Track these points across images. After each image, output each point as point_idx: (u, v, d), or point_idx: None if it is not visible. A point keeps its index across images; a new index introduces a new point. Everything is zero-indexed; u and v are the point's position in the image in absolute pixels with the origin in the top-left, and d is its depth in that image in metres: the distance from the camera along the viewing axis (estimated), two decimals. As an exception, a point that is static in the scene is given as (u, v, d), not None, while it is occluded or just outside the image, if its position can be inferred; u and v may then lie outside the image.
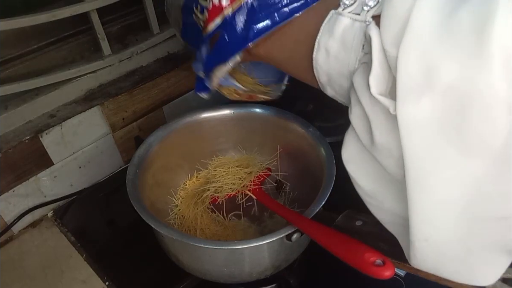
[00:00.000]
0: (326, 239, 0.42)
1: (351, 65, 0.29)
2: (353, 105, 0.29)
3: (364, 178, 0.30)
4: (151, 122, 0.74)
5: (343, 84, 0.31)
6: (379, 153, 0.27)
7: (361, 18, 0.28)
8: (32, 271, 0.59)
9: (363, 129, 0.28)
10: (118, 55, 0.70)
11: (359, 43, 0.28)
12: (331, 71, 0.31)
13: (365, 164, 0.30)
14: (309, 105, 0.80)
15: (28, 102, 0.63)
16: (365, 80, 0.27)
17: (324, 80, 0.32)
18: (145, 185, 0.55)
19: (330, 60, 0.30)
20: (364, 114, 0.27)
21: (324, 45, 0.30)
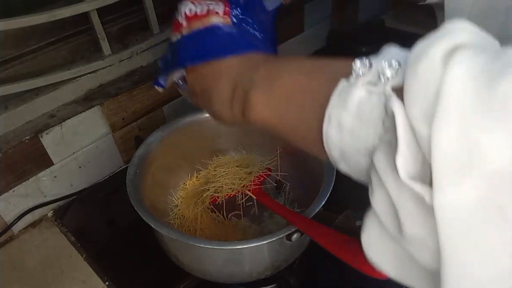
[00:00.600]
0: (326, 239, 0.42)
1: (370, 142, 0.26)
2: (375, 188, 0.25)
3: (389, 265, 0.27)
4: (151, 122, 0.74)
5: (360, 161, 0.27)
6: (410, 245, 0.24)
7: (378, 90, 0.25)
8: (32, 271, 0.59)
9: (389, 216, 0.25)
10: (118, 55, 0.70)
11: (378, 118, 0.25)
12: (345, 147, 0.27)
13: (390, 251, 0.26)
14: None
15: (28, 102, 0.63)
16: (389, 161, 0.24)
17: (337, 155, 0.29)
18: (145, 185, 0.55)
19: (344, 135, 0.27)
20: (389, 200, 0.24)
21: (337, 119, 0.27)
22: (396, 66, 0.25)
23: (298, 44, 0.97)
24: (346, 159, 0.28)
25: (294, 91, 0.32)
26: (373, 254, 0.27)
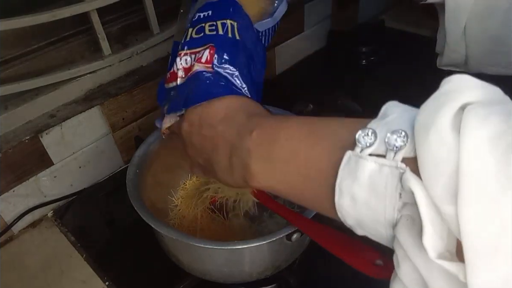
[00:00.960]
0: (326, 239, 0.42)
1: (389, 213, 0.25)
2: (401, 260, 0.25)
3: None
4: (151, 122, 0.74)
5: (379, 230, 0.26)
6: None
7: (389, 162, 0.24)
8: (32, 271, 0.59)
9: (418, 287, 0.24)
10: (118, 55, 0.70)
11: (394, 191, 0.24)
12: (362, 217, 0.26)
13: None
14: (309, 105, 0.80)
15: (28, 102, 0.63)
16: (414, 238, 0.23)
17: (353, 223, 0.28)
18: (145, 185, 0.55)
19: (358, 207, 0.26)
20: (417, 272, 0.23)
21: (349, 192, 0.26)
22: (403, 135, 0.24)
23: (298, 44, 0.97)
24: (364, 227, 0.27)
25: (296, 161, 0.30)
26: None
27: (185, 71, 0.46)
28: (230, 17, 0.46)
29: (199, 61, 0.44)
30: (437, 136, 0.21)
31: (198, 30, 0.46)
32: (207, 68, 0.44)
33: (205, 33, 0.45)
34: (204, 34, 0.46)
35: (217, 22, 0.46)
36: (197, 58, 0.45)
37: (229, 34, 0.45)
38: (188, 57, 0.46)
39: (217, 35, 0.45)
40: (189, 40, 0.46)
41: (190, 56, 0.46)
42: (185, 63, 0.46)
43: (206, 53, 0.44)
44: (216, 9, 0.47)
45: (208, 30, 0.45)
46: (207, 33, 0.45)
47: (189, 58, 0.46)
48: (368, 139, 0.25)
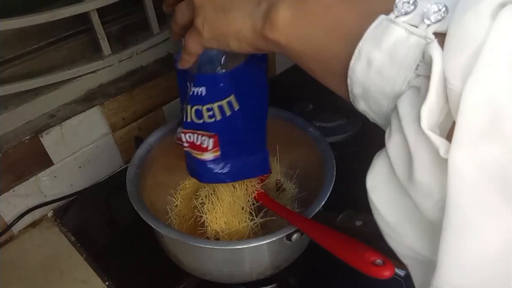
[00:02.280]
0: (326, 239, 0.42)
1: (398, 85, 0.25)
2: (393, 132, 0.25)
3: (389, 209, 0.27)
4: (151, 122, 0.74)
5: (381, 103, 0.26)
6: (416, 192, 0.24)
7: (420, 32, 0.24)
8: (32, 271, 0.59)
9: (401, 162, 0.25)
10: (118, 55, 0.70)
11: (412, 61, 0.24)
12: (370, 86, 0.26)
13: (393, 196, 0.26)
14: (309, 105, 0.81)
15: (28, 102, 0.63)
16: (414, 108, 0.23)
17: (358, 92, 0.28)
18: (145, 185, 0.55)
19: (371, 73, 0.26)
20: (405, 146, 0.24)
21: (367, 55, 0.26)
22: (443, 11, 0.23)
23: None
24: (368, 98, 0.27)
25: (326, 16, 0.29)
26: (376, 196, 0.27)
27: (190, 144, 0.51)
28: (226, 95, 0.48)
29: (206, 150, 0.50)
30: (474, 17, 0.21)
31: (198, 114, 0.48)
32: (214, 155, 0.51)
33: (204, 121, 0.49)
34: (203, 121, 0.49)
35: (214, 106, 0.48)
36: (201, 145, 0.50)
37: (227, 113, 0.48)
38: (192, 135, 0.50)
39: (216, 122, 0.48)
40: (191, 123, 0.49)
41: (193, 135, 0.50)
42: (190, 139, 0.51)
43: (211, 142, 0.49)
44: (209, 87, 0.47)
45: (207, 116, 0.48)
46: (207, 121, 0.49)
47: (193, 136, 0.50)
48: (406, 7, 0.25)
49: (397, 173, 0.25)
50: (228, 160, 0.51)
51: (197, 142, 0.50)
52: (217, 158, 0.51)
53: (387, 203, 0.27)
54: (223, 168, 0.52)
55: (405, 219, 0.26)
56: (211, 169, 0.52)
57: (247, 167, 0.53)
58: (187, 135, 0.51)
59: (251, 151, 0.53)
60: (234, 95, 0.48)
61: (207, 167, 0.51)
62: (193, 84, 0.47)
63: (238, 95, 0.48)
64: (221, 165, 0.52)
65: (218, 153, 0.51)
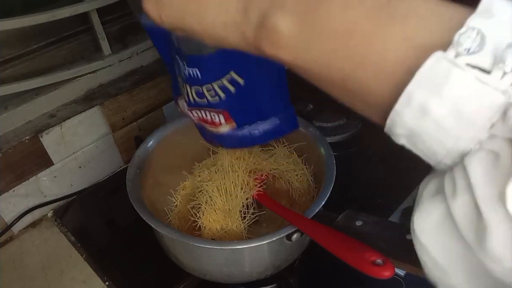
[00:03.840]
0: (326, 239, 0.42)
1: (464, 142, 0.20)
2: (460, 191, 0.20)
3: (441, 252, 0.22)
4: (151, 122, 0.74)
5: (436, 151, 0.21)
6: (485, 257, 0.20)
7: (495, 83, 0.18)
8: (32, 271, 0.59)
9: (469, 224, 0.20)
10: (118, 55, 0.70)
11: (486, 119, 0.19)
12: (421, 133, 0.21)
13: (448, 241, 0.22)
14: (309, 105, 0.81)
15: (28, 102, 0.63)
16: (491, 178, 0.19)
17: (402, 132, 0.22)
18: (145, 185, 0.55)
19: (426, 122, 0.20)
20: (475, 211, 0.20)
21: (421, 103, 0.20)
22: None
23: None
24: (414, 141, 0.22)
25: (349, 40, 0.22)
26: (428, 240, 0.23)
27: (200, 119, 0.48)
28: (224, 74, 0.43)
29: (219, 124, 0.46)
30: None
31: (199, 95, 0.44)
32: (230, 127, 0.47)
33: (208, 100, 0.44)
34: (208, 101, 0.44)
35: (214, 86, 0.43)
36: (213, 120, 0.46)
37: (231, 89, 0.43)
38: (199, 112, 0.47)
39: (221, 101, 0.44)
40: (194, 103, 0.46)
41: (200, 111, 0.47)
42: (198, 114, 0.47)
43: (222, 117, 0.46)
44: (202, 68, 0.42)
45: (209, 96, 0.44)
46: (211, 100, 0.44)
47: (201, 113, 0.47)
48: (470, 43, 0.18)
49: (461, 231, 0.21)
50: (249, 127, 0.47)
51: (207, 117, 0.46)
52: (234, 129, 0.47)
53: (438, 246, 0.22)
54: (245, 134, 0.47)
55: (456, 262, 0.22)
56: (231, 137, 0.47)
57: (272, 127, 0.48)
58: (193, 111, 0.47)
59: (273, 112, 0.48)
60: (234, 71, 0.42)
61: (225, 136, 0.48)
62: (186, 64, 0.43)
63: (241, 69, 0.43)
64: (242, 132, 0.47)
65: (234, 124, 0.46)
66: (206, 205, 0.56)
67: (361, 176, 0.67)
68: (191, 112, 0.47)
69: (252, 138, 0.48)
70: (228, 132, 0.47)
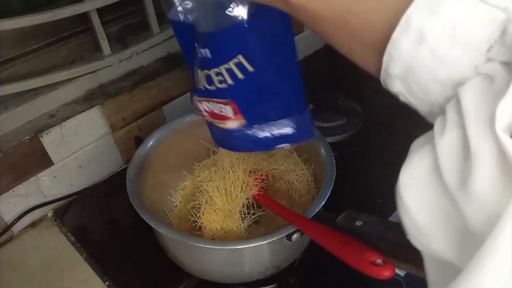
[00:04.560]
0: (326, 239, 0.42)
1: (459, 69, 0.20)
2: (449, 127, 0.20)
3: (421, 210, 0.23)
4: (151, 122, 0.74)
5: (430, 88, 0.21)
6: (468, 202, 0.19)
7: (498, 3, 0.18)
8: (32, 271, 0.59)
9: (454, 165, 0.20)
10: (118, 55, 0.70)
11: (484, 41, 0.19)
12: (417, 66, 0.21)
13: (429, 197, 0.22)
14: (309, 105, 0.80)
15: (28, 102, 0.63)
16: (485, 102, 0.19)
17: (397, 72, 0.22)
18: (145, 185, 0.55)
19: (421, 50, 0.20)
20: (463, 147, 0.19)
21: (419, 27, 0.20)
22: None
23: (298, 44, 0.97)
24: (410, 80, 0.22)
25: None
26: (410, 195, 0.23)
27: (209, 113, 0.47)
28: (231, 56, 0.41)
29: (227, 118, 0.45)
30: None
31: (208, 80, 0.43)
32: (240, 123, 0.45)
33: (217, 86, 0.43)
34: (216, 87, 0.43)
35: (222, 70, 0.42)
36: (221, 113, 0.45)
37: (239, 76, 0.42)
38: (208, 103, 0.46)
39: (229, 88, 0.43)
40: (204, 90, 0.45)
41: (209, 103, 0.45)
42: (208, 108, 0.46)
43: (229, 109, 0.44)
44: (212, 47, 0.41)
45: (217, 82, 0.43)
46: (219, 86, 0.43)
47: (210, 104, 0.46)
48: None
49: (444, 176, 0.20)
50: (259, 126, 0.45)
51: (216, 110, 0.45)
52: (243, 126, 0.45)
53: (420, 204, 0.23)
54: (254, 135, 0.45)
55: (437, 222, 0.22)
56: (239, 137, 0.46)
57: (285, 131, 0.46)
58: (203, 104, 0.46)
59: (286, 113, 0.45)
60: (243, 55, 0.41)
61: (234, 136, 0.46)
62: (200, 45, 0.42)
63: (249, 55, 0.41)
64: (251, 132, 0.45)
65: (243, 120, 0.45)
66: (206, 205, 0.56)
67: (361, 176, 0.67)
68: (202, 105, 0.46)
69: (263, 141, 0.46)
70: (238, 130, 0.45)
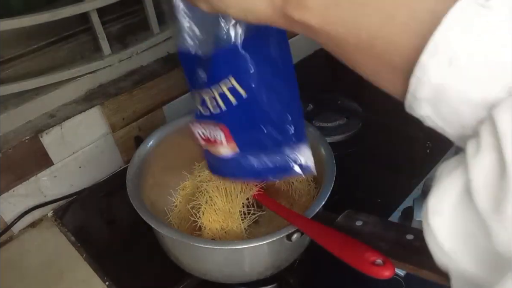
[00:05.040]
0: (326, 239, 0.42)
1: (493, 89, 0.19)
2: (484, 150, 0.19)
3: (449, 235, 0.22)
4: (151, 122, 0.74)
5: (461, 110, 0.20)
6: (502, 227, 0.19)
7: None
8: (32, 271, 0.59)
9: (490, 188, 0.19)
10: (118, 55, 0.70)
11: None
12: (447, 88, 0.20)
13: (457, 221, 0.21)
14: (309, 105, 0.81)
15: (28, 102, 0.63)
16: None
17: (426, 95, 0.21)
18: (145, 185, 0.55)
19: (451, 72, 0.19)
20: (500, 171, 0.18)
21: (448, 48, 0.19)
22: None
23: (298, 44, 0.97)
24: (439, 103, 0.21)
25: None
26: (438, 222, 0.22)
27: (203, 140, 0.48)
28: (222, 77, 0.40)
29: (220, 144, 0.45)
30: None
31: (203, 104, 0.44)
32: (231, 150, 0.45)
33: (211, 112, 0.43)
34: (210, 112, 0.43)
35: (215, 94, 0.42)
36: (215, 139, 0.45)
37: (232, 101, 0.41)
38: (203, 129, 0.47)
39: (222, 113, 0.42)
40: (199, 115, 0.46)
41: (204, 129, 0.47)
42: (203, 134, 0.47)
43: (222, 135, 0.44)
44: (208, 67, 0.41)
45: (212, 107, 0.43)
46: (213, 112, 0.43)
47: (204, 130, 0.47)
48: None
49: (477, 200, 0.20)
50: (254, 155, 0.44)
51: (209, 136, 0.45)
52: (236, 154, 0.44)
53: (448, 229, 0.22)
54: (247, 165, 0.44)
55: (464, 247, 0.22)
56: (232, 165, 0.45)
57: (279, 163, 0.44)
58: (198, 130, 0.47)
59: (282, 141, 0.43)
60: (234, 78, 0.40)
61: (227, 164, 0.45)
62: (199, 67, 0.42)
63: (243, 79, 0.40)
64: (244, 161, 0.44)
65: (236, 148, 0.44)
66: (206, 205, 0.56)
67: (361, 176, 0.67)
68: (197, 130, 0.47)
69: (256, 171, 0.44)
70: (231, 158, 0.45)
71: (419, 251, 0.36)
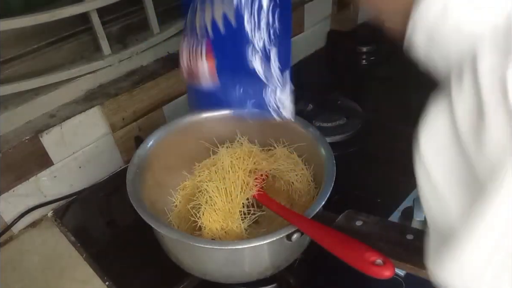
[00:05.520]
0: (326, 239, 0.42)
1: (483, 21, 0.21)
2: (465, 89, 0.21)
3: (442, 174, 0.24)
4: (151, 122, 0.74)
5: (451, 44, 0.23)
6: (483, 161, 0.21)
7: None
8: (32, 271, 0.59)
9: (469, 121, 0.21)
10: (118, 55, 0.70)
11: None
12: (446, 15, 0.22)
13: (444, 148, 0.23)
14: (309, 105, 0.81)
15: (28, 102, 0.63)
16: (499, 65, 0.19)
17: (422, 33, 0.24)
18: (145, 185, 0.55)
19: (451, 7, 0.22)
20: (479, 108, 0.20)
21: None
22: None
23: (298, 44, 0.97)
24: (434, 37, 0.23)
25: None
26: (427, 148, 0.24)
27: (187, 70, 0.47)
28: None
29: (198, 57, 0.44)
30: None
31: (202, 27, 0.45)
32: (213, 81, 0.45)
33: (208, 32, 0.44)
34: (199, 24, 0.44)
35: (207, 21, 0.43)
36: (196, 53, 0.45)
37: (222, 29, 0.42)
38: (189, 55, 0.47)
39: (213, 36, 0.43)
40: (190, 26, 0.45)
41: (191, 52, 0.46)
42: (188, 60, 0.47)
43: (203, 49, 0.44)
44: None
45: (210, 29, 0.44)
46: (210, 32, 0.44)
47: (190, 56, 0.46)
48: None
49: (462, 134, 0.22)
50: (234, 84, 0.44)
51: (193, 48, 0.44)
52: (213, 70, 0.45)
53: (441, 167, 0.24)
54: (228, 96, 0.44)
55: (450, 176, 0.23)
56: (214, 96, 0.45)
57: (257, 98, 0.45)
58: (186, 57, 0.46)
59: (267, 81, 0.44)
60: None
61: (208, 94, 0.45)
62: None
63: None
64: (225, 92, 0.45)
65: (213, 61, 0.44)
66: (206, 205, 0.56)
67: (361, 176, 0.67)
68: (185, 59, 0.46)
69: (236, 101, 0.44)
70: (213, 90, 0.45)
71: (419, 251, 0.36)
